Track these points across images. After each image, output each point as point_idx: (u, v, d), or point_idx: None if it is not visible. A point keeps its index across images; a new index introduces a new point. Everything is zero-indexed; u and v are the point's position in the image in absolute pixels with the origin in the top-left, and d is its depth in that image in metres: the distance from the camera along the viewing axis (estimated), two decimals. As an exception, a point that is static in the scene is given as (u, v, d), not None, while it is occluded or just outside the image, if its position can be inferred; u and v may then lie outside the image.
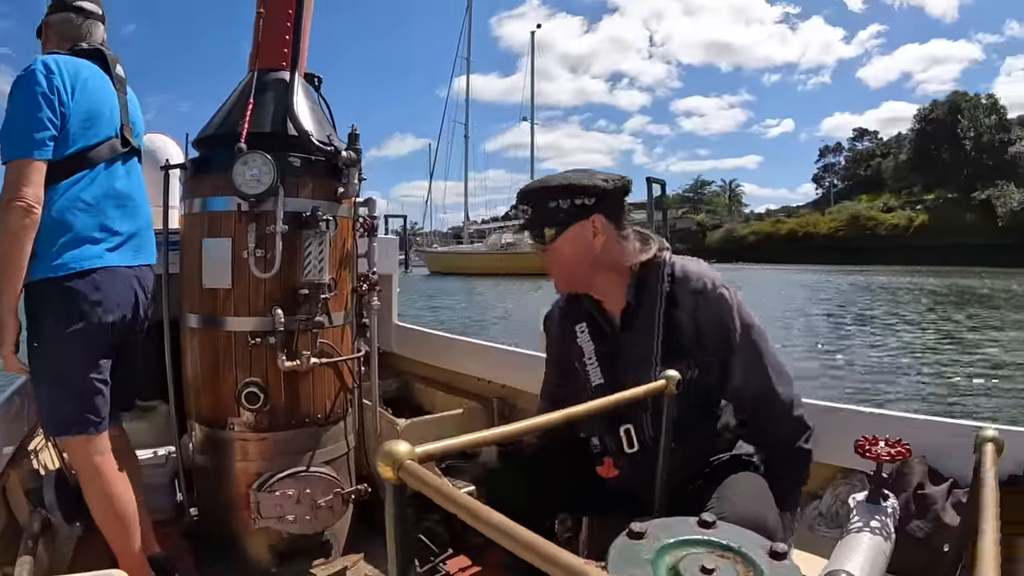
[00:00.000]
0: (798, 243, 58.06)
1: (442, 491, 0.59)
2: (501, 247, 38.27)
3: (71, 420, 1.54)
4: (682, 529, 0.76)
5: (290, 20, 1.73)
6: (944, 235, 49.51)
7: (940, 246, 48.10)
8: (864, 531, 1.27)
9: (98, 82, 1.62)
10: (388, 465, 0.61)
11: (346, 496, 1.68)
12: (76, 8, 1.68)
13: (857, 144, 76.77)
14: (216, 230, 1.63)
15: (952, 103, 57.84)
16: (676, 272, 1.36)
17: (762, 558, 0.71)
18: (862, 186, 68.90)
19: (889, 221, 55.90)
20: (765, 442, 1.40)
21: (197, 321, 1.66)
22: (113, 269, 1.59)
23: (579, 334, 1.43)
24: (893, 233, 54.42)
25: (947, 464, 1.44)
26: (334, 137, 1.70)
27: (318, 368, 1.63)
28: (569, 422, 1.02)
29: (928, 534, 1.42)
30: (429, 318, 12.87)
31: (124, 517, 1.59)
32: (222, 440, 1.65)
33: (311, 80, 1.79)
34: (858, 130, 78.95)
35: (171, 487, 1.97)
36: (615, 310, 1.40)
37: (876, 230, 55.69)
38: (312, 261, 1.57)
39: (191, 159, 1.73)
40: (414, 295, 19.30)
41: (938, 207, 53.88)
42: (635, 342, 1.36)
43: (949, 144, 55.95)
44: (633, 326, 1.37)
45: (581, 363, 1.43)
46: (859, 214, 57.84)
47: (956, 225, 50.16)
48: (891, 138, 73.35)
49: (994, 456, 0.91)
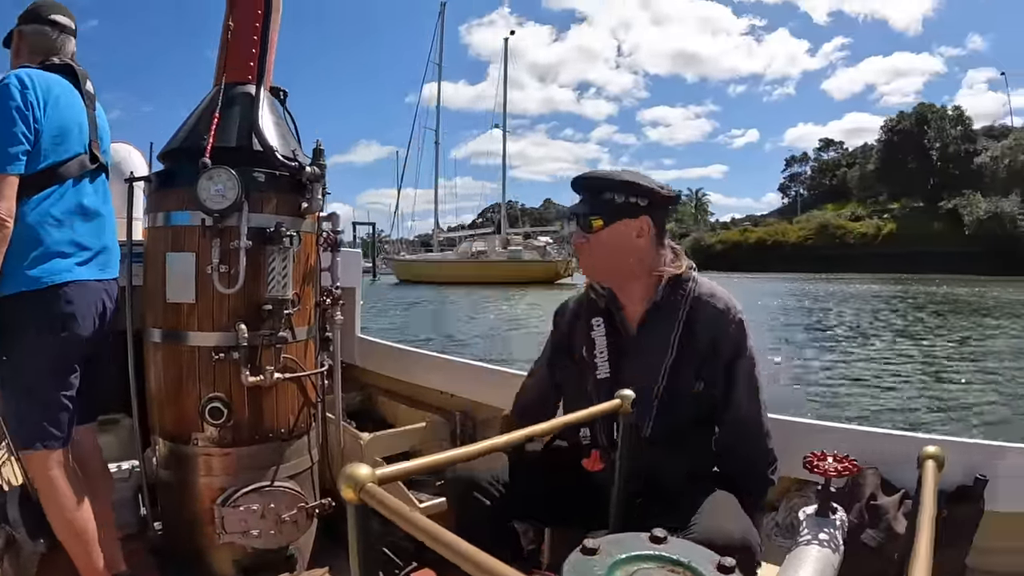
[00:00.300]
0: (767, 252, 58.99)
1: (402, 514, 0.61)
2: (472, 255, 37.80)
3: (36, 434, 1.53)
4: (634, 544, 0.78)
5: (257, 34, 1.73)
6: (912, 243, 50.61)
7: (908, 254, 49.12)
8: (813, 544, 1.30)
9: (69, 98, 1.61)
10: (350, 487, 0.63)
11: (310, 510, 1.68)
12: (51, 21, 1.67)
13: (823, 154, 78.91)
14: (180, 244, 1.62)
15: (919, 114, 59.28)
16: (701, 291, 1.41)
17: (712, 572, 0.73)
18: (828, 195, 70.61)
19: (858, 230, 57.02)
20: (738, 466, 1.44)
21: (160, 335, 1.65)
22: (83, 283, 1.59)
23: (595, 327, 1.46)
24: (862, 242, 55.55)
25: (899, 475, 1.47)
26: (299, 152, 1.70)
27: (282, 383, 1.63)
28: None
29: (880, 543, 1.45)
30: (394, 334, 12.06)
31: (85, 533, 1.57)
32: (186, 455, 1.64)
33: (277, 94, 1.80)
34: (824, 140, 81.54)
35: (134, 501, 1.94)
36: (634, 313, 1.44)
37: (845, 239, 56.78)
38: (276, 276, 1.57)
39: (156, 172, 1.72)
40: (381, 304, 18.58)
41: (906, 216, 55.09)
42: (648, 348, 1.40)
43: (916, 154, 57.25)
44: (649, 332, 1.41)
45: (591, 355, 1.44)
46: (828, 223, 58.95)
47: (923, 234, 51.27)
48: (856, 148, 75.27)
49: (934, 472, 0.94)
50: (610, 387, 1.36)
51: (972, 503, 1.39)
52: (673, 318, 1.39)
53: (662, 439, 1.38)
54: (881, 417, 5.99)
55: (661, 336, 1.39)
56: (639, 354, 1.41)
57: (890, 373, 8.30)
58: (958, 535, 1.38)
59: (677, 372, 1.38)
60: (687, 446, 1.42)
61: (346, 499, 0.64)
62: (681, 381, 1.39)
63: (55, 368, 1.55)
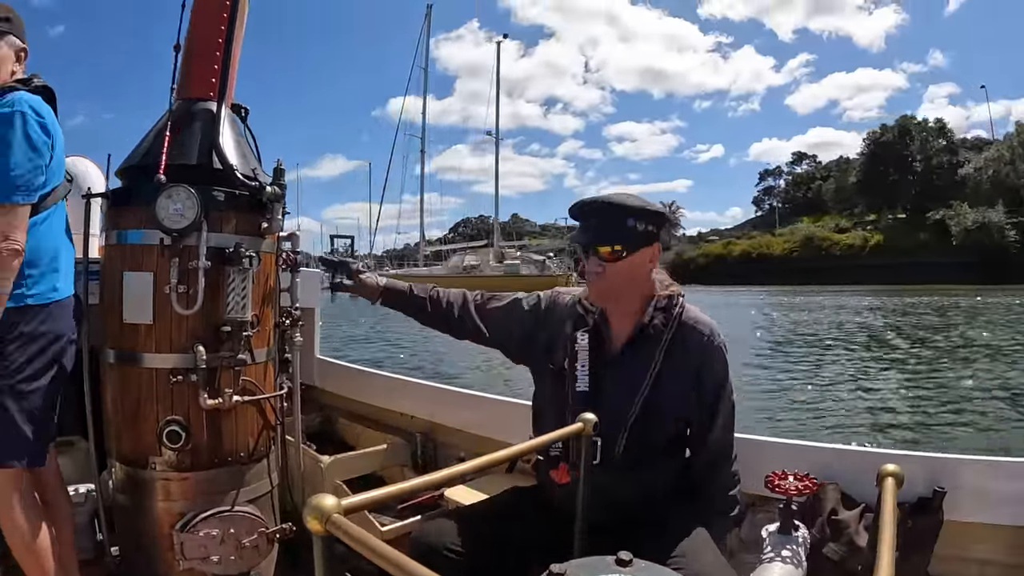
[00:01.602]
0: (751, 265, 59.16)
1: (369, 545, 0.61)
2: (463, 270, 36.20)
3: (5, 452, 1.51)
4: (600, 567, 0.78)
5: (219, 50, 1.71)
6: (899, 255, 50.94)
7: (895, 265, 49.36)
8: (776, 561, 1.32)
9: (58, 126, 1.62)
10: (316, 518, 0.63)
11: (271, 535, 1.65)
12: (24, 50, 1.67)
13: (796, 168, 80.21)
14: (138, 263, 1.59)
15: (901, 126, 60.06)
16: (688, 316, 1.43)
17: None
18: (803, 208, 71.48)
19: (844, 241, 57.11)
20: (712, 488, 1.47)
21: (117, 356, 1.62)
22: (62, 302, 1.62)
23: (579, 340, 1.45)
24: (848, 253, 55.62)
25: (859, 490, 1.50)
26: (259, 171, 1.68)
27: (240, 406, 1.60)
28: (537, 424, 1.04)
29: (843, 557, 1.47)
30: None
31: (44, 555, 1.54)
32: (143, 479, 1.60)
33: (238, 111, 1.77)
34: (797, 154, 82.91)
35: (91, 526, 1.89)
36: (621, 332, 1.45)
37: (831, 250, 56.86)
38: (235, 297, 1.55)
39: (113, 189, 1.69)
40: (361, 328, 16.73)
41: (892, 227, 55.52)
42: (631, 367, 1.41)
43: (898, 166, 57.88)
44: (634, 352, 1.42)
45: (572, 367, 1.44)
46: (813, 235, 59.13)
47: (910, 245, 51.68)
48: (831, 161, 76.41)
49: (893, 489, 0.96)
50: (588, 401, 1.37)
51: (932, 514, 1.41)
52: (659, 340, 1.41)
53: (632, 458, 1.38)
54: (845, 429, 6.08)
55: (645, 356, 1.40)
56: (621, 372, 1.42)
57: (872, 387, 8.35)
58: (920, 545, 1.41)
59: (656, 393, 1.39)
60: (656, 467, 1.43)
61: (312, 531, 0.64)
62: (658, 402, 1.40)
63: (34, 386, 1.55)
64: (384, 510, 2.03)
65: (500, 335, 1.60)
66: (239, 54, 1.77)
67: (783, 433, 5.14)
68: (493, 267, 36.67)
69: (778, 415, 6.61)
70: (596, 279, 1.41)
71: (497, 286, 19.72)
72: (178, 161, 1.59)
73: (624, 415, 1.38)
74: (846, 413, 6.81)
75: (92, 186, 1.78)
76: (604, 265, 1.39)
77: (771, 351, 11.87)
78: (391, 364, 9.82)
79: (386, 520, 1.94)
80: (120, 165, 1.71)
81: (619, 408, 1.39)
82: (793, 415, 6.71)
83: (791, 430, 5.94)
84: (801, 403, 7.26)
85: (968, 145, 60.22)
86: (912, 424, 6.38)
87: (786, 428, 6.05)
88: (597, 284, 1.42)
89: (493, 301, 1.63)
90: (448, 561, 1.31)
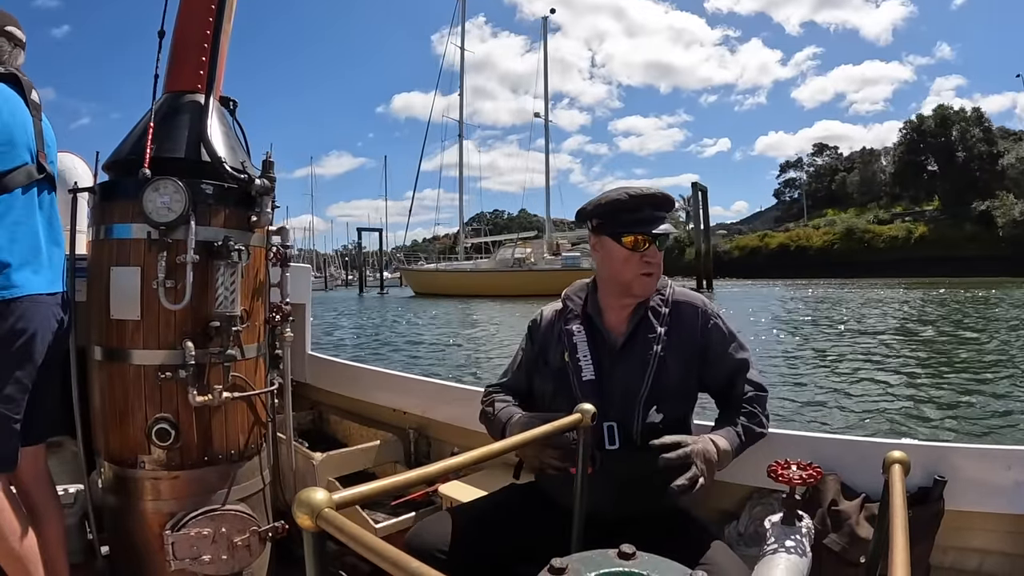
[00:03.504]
0: (788, 258, 56.58)
1: (362, 540, 0.58)
2: (514, 263, 32.65)
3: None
4: (602, 562, 0.76)
5: (207, 42, 1.69)
6: (946, 247, 48.56)
7: (942, 258, 47.01)
8: (780, 552, 1.30)
9: (13, 106, 1.55)
10: (306, 514, 0.61)
11: (263, 534, 1.62)
12: (6, 33, 1.63)
13: (817, 159, 78.01)
14: (125, 258, 1.56)
15: (941, 116, 57.73)
16: (677, 296, 1.49)
17: None
18: (824, 201, 69.46)
19: (887, 233, 54.27)
20: (758, 407, 1.48)
21: (104, 354, 1.59)
22: (35, 297, 1.53)
23: (576, 332, 1.46)
24: (891, 246, 52.90)
25: (858, 480, 1.49)
26: (248, 164, 1.66)
27: (231, 402, 1.58)
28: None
29: (844, 547, 1.46)
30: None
31: (29, 560, 1.50)
32: (133, 479, 1.58)
33: (226, 104, 1.75)
34: (818, 145, 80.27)
35: (81, 528, 1.86)
36: (616, 318, 1.47)
37: (873, 243, 54.05)
38: (223, 292, 1.52)
39: (100, 183, 1.66)
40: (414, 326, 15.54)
41: (935, 219, 52.98)
42: (633, 350, 1.42)
43: (938, 156, 55.81)
44: (634, 335, 1.43)
45: (573, 358, 1.44)
46: (855, 227, 56.14)
47: (955, 237, 49.27)
48: (854, 152, 74.42)
49: (901, 476, 0.95)
50: (595, 389, 1.38)
51: (933, 504, 1.40)
52: (656, 321, 1.44)
53: (653, 436, 1.36)
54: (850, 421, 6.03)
55: (645, 338, 1.42)
56: (624, 356, 1.42)
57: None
58: (921, 535, 1.39)
59: (661, 372, 1.40)
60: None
61: (303, 527, 0.61)
62: (664, 381, 1.40)
63: (4, 386, 1.47)
64: (377, 507, 2.00)
65: (535, 384, 1.57)
66: (227, 46, 1.74)
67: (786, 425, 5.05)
68: (548, 260, 32.64)
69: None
70: (656, 271, 1.44)
71: (555, 280, 17.33)
72: (165, 154, 1.57)
73: (635, 396, 1.38)
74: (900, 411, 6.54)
75: (79, 181, 1.75)
76: (661, 252, 1.43)
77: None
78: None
79: (380, 517, 1.91)
80: (107, 159, 1.68)
81: (629, 390, 1.39)
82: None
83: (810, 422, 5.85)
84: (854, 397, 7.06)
85: (1005, 135, 57.26)
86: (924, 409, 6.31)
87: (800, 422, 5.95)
88: (655, 276, 1.45)
89: (510, 371, 1.63)
90: (446, 559, 1.29)
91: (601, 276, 1.51)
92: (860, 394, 7.27)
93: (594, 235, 1.48)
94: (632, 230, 1.41)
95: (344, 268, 69.26)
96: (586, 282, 1.57)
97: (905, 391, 7.39)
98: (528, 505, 1.46)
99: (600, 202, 1.45)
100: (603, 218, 1.44)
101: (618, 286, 1.45)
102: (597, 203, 1.45)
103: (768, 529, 1.35)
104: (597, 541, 0.91)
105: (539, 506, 1.44)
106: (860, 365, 9.22)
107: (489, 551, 1.35)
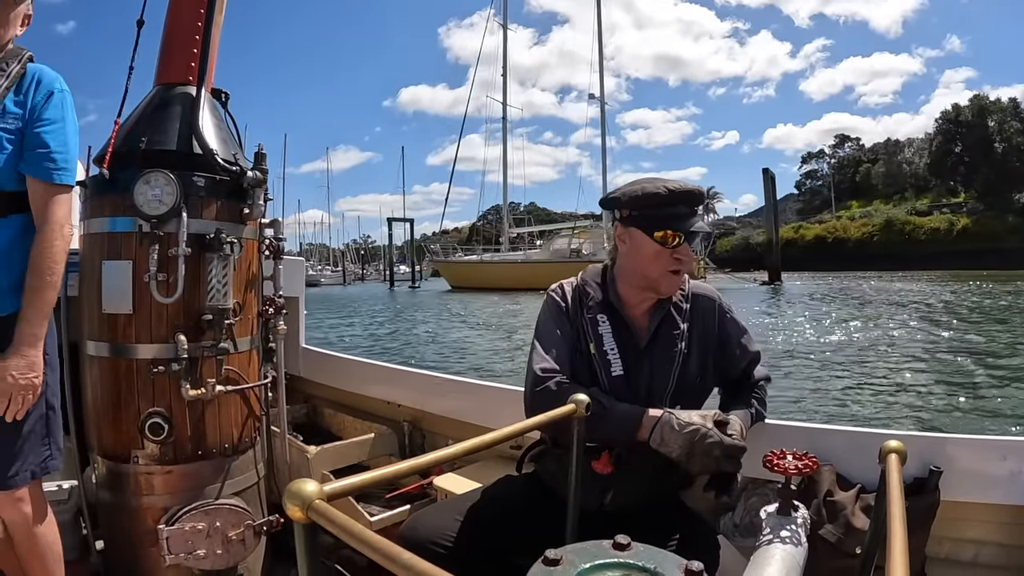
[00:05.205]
0: (825, 250, 55.37)
1: (354, 532, 0.57)
2: (570, 254, 30.53)
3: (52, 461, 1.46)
4: (597, 553, 0.75)
5: (199, 34, 1.67)
6: (990, 240, 47.33)
7: (987, 251, 45.84)
8: (776, 542, 1.29)
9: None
10: (296, 505, 0.60)
11: (258, 528, 1.61)
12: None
13: (839, 151, 76.55)
14: (116, 252, 1.55)
15: (978, 107, 56.50)
16: (694, 289, 1.48)
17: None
18: (847, 192, 68.10)
19: (928, 225, 52.78)
20: (747, 387, 1.51)
21: (97, 348, 1.58)
22: None
23: (600, 323, 1.41)
24: (933, 238, 51.54)
25: (854, 470, 1.48)
26: (240, 156, 1.65)
27: (224, 396, 1.57)
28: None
29: (839, 538, 1.46)
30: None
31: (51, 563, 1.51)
32: (126, 474, 1.57)
33: (218, 96, 1.73)
34: (840, 136, 78.78)
35: (75, 524, 1.85)
36: (639, 311, 1.43)
37: (914, 235, 52.86)
38: (216, 285, 1.51)
39: (91, 177, 1.65)
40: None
41: (977, 211, 51.56)
42: (659, 344, 1.40)
43: (977, 147, 54.21)
44: (658, 329, 1.41)
45: (600, 351, 1.40)
46: (894, 218, 54.91)
47: (999, 229, 48.10)
48: (877, 144, 72.91)
49: (898, 466, 0.95)
50: (624, 384, 1.36)
51: (929, 494, 1.40)
52: (679, 317, 1.43)
53: None
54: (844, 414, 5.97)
55: (670, 335, 1.41)
56: (651, 351, 1.40)
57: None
58: (917, 526, 1.39)
59: (685, 369, 1.40)
60: None
61: (293, 518, 0.60)
62: (688, 375, 1.40)
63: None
64: (372, 500, 2.00)
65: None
66: (219, 37, 1.73)
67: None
68: (610, 252, 32.20)
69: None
70: (685, 268, 1.41)
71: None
72: (157, 146, 1.55)
73: (662, 393, 1.37)
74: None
75: None
76: (691, 254, 1.40)
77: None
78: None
79: (375, 510, 1.91)
80: (97, 153, 1.67)
81: (656, 386, 1.38)
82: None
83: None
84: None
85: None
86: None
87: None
88: (682, 274, 1.42)
89: (555, 355, 1.43)
90: (440, 551, 1.28)
91: (623, 267, 1.45)
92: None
93: (622, 225, 1.42)
94: (666, 226, 1.36)
95: (360, 263, 68.89)
96: (599, 267, 1.52)
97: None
98: (524, 497, 1.45)
99: (636, 194, 1.39)
100: (636, 209, 1.39)
101: (642, 279, 1.41)
102: (632, 195, 1.39)
103: (764, 519, 1.35)
104: (593, 532, 0.91)
105: (536, 498, 1.43)
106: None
107: (484, 543, 1.35)
